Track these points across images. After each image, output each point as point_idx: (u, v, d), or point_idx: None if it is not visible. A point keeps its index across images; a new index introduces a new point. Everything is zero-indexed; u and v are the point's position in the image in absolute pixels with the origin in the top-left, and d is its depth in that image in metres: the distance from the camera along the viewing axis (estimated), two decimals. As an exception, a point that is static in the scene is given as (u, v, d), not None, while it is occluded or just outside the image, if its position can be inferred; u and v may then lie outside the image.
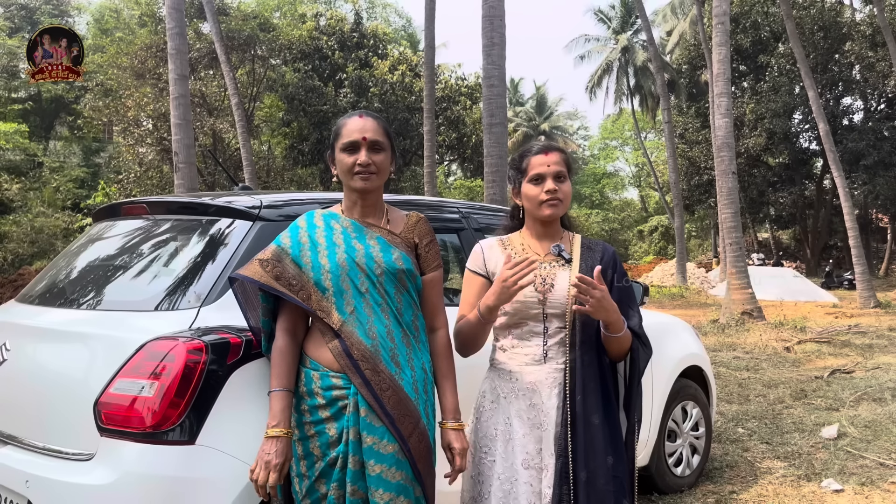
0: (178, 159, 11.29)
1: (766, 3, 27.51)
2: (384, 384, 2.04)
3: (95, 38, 30.15)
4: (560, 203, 2.27)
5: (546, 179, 2.25)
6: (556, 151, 2.30)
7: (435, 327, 2.26)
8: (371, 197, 2.19)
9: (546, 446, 2.20)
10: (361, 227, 2.17)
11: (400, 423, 2.04)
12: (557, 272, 2.26)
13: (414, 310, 2.19)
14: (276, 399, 2.04)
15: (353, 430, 2.02)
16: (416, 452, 2.07)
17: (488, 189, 9.63)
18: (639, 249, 46.27)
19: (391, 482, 2.01)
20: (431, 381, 2.20)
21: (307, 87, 24.35)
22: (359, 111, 2.22)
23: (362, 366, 2.04)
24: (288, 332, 2.12)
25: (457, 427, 2.18)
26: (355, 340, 2.05)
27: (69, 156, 33.22)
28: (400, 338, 2.12)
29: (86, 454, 2.13)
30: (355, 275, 2.09)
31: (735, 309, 12.94)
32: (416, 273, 2.19)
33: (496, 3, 9.44)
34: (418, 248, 2.22)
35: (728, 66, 13.45)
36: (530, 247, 2.34)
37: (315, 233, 2.15)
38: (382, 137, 2.15)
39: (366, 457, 2.01)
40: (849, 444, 5.08)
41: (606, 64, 38.76)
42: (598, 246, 2.35)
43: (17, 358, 2.47)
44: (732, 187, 13.29)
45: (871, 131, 26.33)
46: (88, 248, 2.92)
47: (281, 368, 2.08)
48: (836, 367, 8.29)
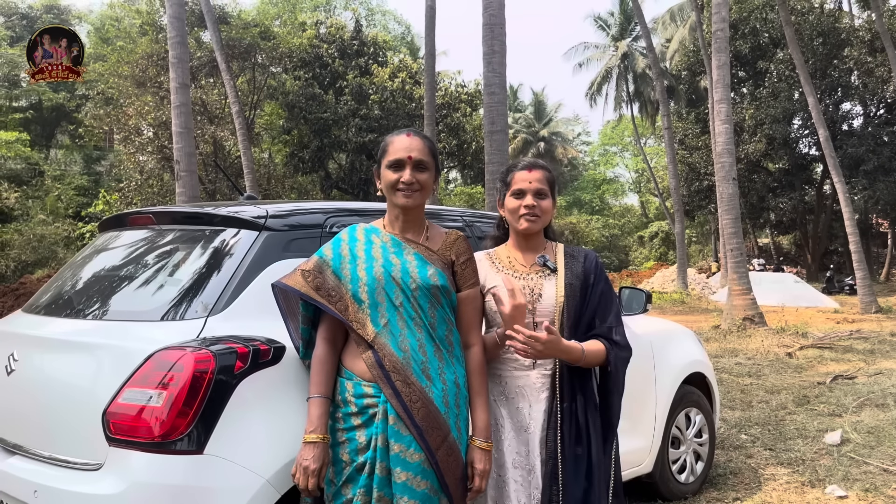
0: (179, 167, 11.32)
1: (765, 9, 27.58)
2: (414, 396, 2.08)
3: (96, 46, 30.26)
4: (537, 218, 2.37)
5: (526, 195, 2.36)
6: (540, 169, 2.41)
7: (470, 343, 2.29)
8: (412, 213, 2.25)
9: (532, 448, 2.29)
10: (400, 243, 2.23)
11: (428, 436, 2.08)
12: (544, 282, 2.36)
13: (448, 325, 2.22)
14: (313, 405, 2.12)
15: (382, 437, 2.07)
16: (444, 465, 2.10)
17: (489, 196, 9.66)
18: (639, 255, 46.26)
19: (416, 490, 2.05)
20: (465, 395, 2.23)
21: (307, 94, 24.42)
22: (407, 129, 2.27)
23: (393, 377, 2.08)
24: (327, 340, 2.20)
25: (484, 446, 2.20)
26: (387, 352, 2.10)
27: (70, 164, 33.27)
28: (432, 352, 2.16)
29: (94, 464, 2.14)
30: (391, 288, 2.15)
31: (736, 315, 12.94)
32: (451, 290, 2.23)
33: (497, 11, 9.48)
34: (455, 265, 2.27)
35: (727, 72, 13.50)
36: (516, 259, 2.44)
37: (355, 246, 2.22)
38: (428, 157, 2.22)
39: (392, 464, 2.06)
40: (852, 450, 5.08)
41: (606, 70, 38.88)
42: (580, 254, 2.45)
43: (24, 368, 2.48)
44: (733, 193, 13.32)
45: (870, 136, 26.38)
46: (94, 259, 2.93)
47: (320, 376, 2.15)
48: (839, 372, 8.29)
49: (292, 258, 2.47)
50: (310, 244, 2.55)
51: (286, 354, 2.30)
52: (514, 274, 2.39)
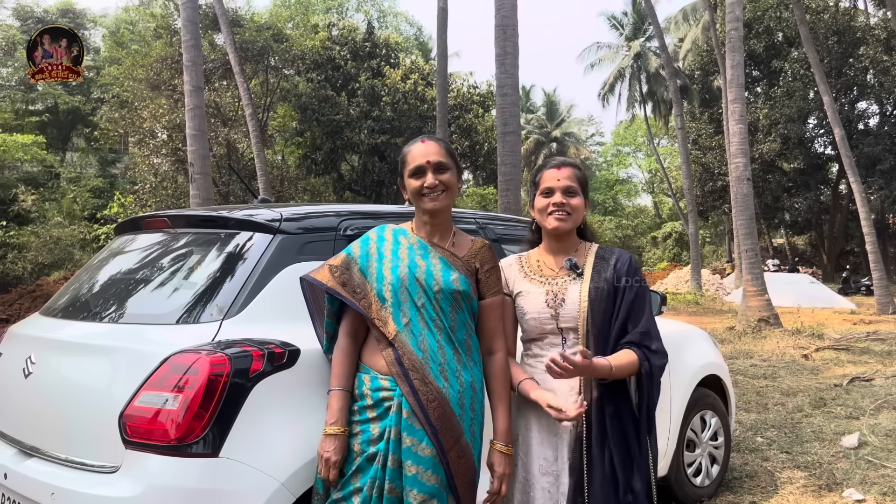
0: (193, 170, 11.37)
1: (780, 8, 27.38)
2: (431, 395, 2.12)
3: (111, 50, 30.52)
4: (567, 216, 2.33)
5: (555, 192, 2.33)
6: (570, 167, 2.39)
7: (493, 350, 2.31)
8: (440, 217, 2.29)
9: (560, 454, 2.26)
10: (427, 246, 2.28)
11: (442, 436, 2.11)
12: (568, 287, 2.31)
13: (468, 329, 2.26)
14: (334, 398, 2.18)
15: (395, 430, 2.10)
16: (455, 466, 2.13)
17: (502, 197, 9.64)
18: (653, 256, 46.04)
19: (426, 484, 2.08)
20: (481, 400, 2.26)
21: (320, 96, 24.47)
22: (421, 136, 2.32)
23: (412, 375, 2.12)
24: (350, 335, 2.26)
25: (504, 450, 2.23)
26: (407, 350, 2.14)
27: (86, 167, 33.58)
28: (451, 354, 2.19)
29: (110, 466, 2.16)
30: (414, 289, 2.19)
31: (751, 316, 12.84)
32: (473, 296, 2.26)
33: (509, 12, 9.47)
34: (479, 273, 2.30)
35: (741, 71, 13.40)
36: (545, 263, 2.40)
37: (383, 246, 2.28)
38: (446, 158, 2.27)
39: (404, 457, 2.09)
40: (870, 454, 5.02)
41: (619, 70, 38.74)
42: (611, 256, 2.38)
43: (42, 371, 2.50)
44: (747, 193, 13.21)
45: (886, 136, 26.12)
46: (110, 262, 2.95)
47: (341, 369, 2.21)
48: (856, 374, 8.20)
49: (306, 261, 2.48)
50: (324, 247, 2.56)
51: (301, 357, 2.31)
52: (540, 278, 2.36)
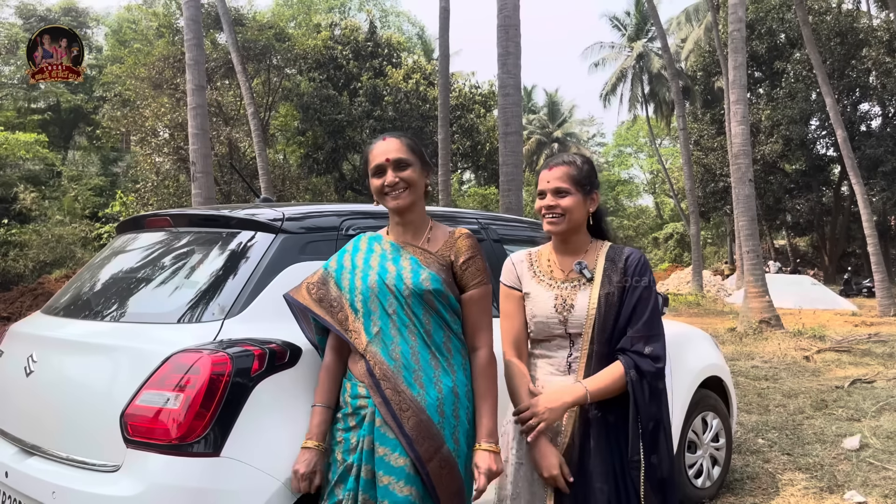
0: (195, 169, 11.36)
1: (782, 9, 27.36)
2: (405, 404, 2.05)
3: (113, 49, 30.53)
4: (560, 218, 2.23)
5: (546, 195, 2.25)
6: (561, 166, 2.25)
7: (475, 346, 2.22)
8: (409, 215, 2.23)
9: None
10: (399, 248, 2.22)
11: (419, 445, 2.03)
12: (577, 293, 2.24)
13: (445, 332, 2.17)
14: (314, 413, 2.17)
15: (368, 440, 2.07)
16: (437, 478, 2.05)
17: (503, 197, 9.64)
18: (654, 257, 46.02)
19: (398, 496, 2.01)
20: (465, 405, 2.15)
21: (322, 96, 24.48)
22: (383, 134, 2.27)
23: (383, 385, 2.07)
24: (334, 349, 2.24)
25: (490, 449, 2.11)
26: (378, 360, 2.10)
27: (87, 165, 33.58)
28: (427, 359, 2.12)
29: (111, 465, 2.15)
30: (384, 296, 2.14)
31: (753, 317, 12.83)
32: (448, 293, 2.16)
33: (511, 12, 9.46)
34: (454, 266, 2.20)
35: (744, 72, 13.38)
36: (555, 263, 2.33)
37: (357, 256, 2.24)
38: (406, 154, 2.19)
39: (377, 467, 2.05)
40: (871, 456, 5.02)
41: (621, 71, 38.76)
42: (621, 256, 2.26)
43: (43, 369, 2.50)
44: (749, 195, 13.20)
45: (889, 137, 26.10)
46: (112, 261, 2.95)
47: (324, 385, 2.20)
48: (857, 376, 8.19)
49: (309, 261, 2.48)
50: (326, 247, 2.55)
51: (302, 357, 2.31)
52: (550, 280, 2.29)
